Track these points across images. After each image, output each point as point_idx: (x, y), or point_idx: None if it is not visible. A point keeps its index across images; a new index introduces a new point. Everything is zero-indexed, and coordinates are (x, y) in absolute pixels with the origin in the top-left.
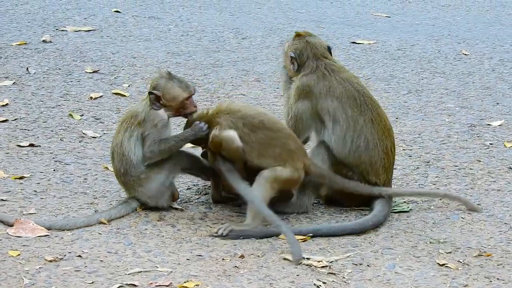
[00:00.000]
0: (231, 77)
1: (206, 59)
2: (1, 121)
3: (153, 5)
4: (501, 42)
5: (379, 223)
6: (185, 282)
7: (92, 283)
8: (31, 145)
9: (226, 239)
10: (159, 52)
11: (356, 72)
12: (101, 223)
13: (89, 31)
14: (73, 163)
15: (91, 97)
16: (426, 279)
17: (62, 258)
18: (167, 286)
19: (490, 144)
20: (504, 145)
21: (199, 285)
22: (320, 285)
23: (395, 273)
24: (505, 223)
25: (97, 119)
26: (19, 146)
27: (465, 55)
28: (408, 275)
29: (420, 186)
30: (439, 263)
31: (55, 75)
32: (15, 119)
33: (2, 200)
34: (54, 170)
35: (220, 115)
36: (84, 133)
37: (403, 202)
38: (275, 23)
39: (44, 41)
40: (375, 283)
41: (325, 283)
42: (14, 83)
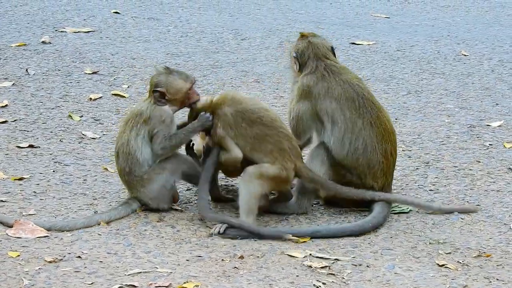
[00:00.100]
0: (231, 78)
1: (205, 60)
2: (0, 122)
3: (152, 6)
4: (501, 42)
5: (378, 225)
6: (184, 283)
7: (91, 284)
8: (31, 146)
9: (225, 239)
10: (158, 53)
11: (355, 73)
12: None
13: (88, 32)
14: (73, 164)
15: (91, 98)
16: (425, 280)
17: (61, 259)
18: (166, 287)
19: (489, 144)
20: (503, 145)
21: (198, 285)
22: (319, 286)
23: (395, 273)
24: (505, 224)
25: (96, 120)
26: (19, 147)
27: (465, 55)
28: (407, 275)
29: (419, 187)
30: (438, 264)
31: (54, 76)
32: (15, 120)
33: (1, 201)
34: (53, 171)
35: (223, 106)
36: (83, 134)
37: None
38: (275, 24)
39: (43, 42)
40: (374, 284)
41: (324, 283)
42: (13, 84)
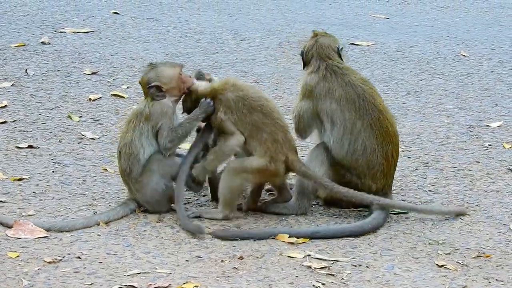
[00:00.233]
0: None
1: (204, 61)
2: (0, 123)
3: (151, 6)
4: (500, 43)
5: (378, 226)
6: (184, 283)
7: (91, 284)
8: (30, 147)
9: (223, 239)
10: (157, 53)
11: None
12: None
13: (87, 32)
14: (72, 164)
15: (90, 99)
16: (425, 280)
17: (61, 259)
18: (166, 287)
19: (489, 145)
20: (503, 146)
21: (198, 286)
22: (319, 286)
23: (394, 274)
24: (504, 224)
25: (96, 121)
26: (18, 147)
27: (464, 56)
28: (407, 276)
29: (419, 187)
30: (438, 264)
31: (53, 76)
32: (14, 121)
33: (1, 201)
34: (53, 171)
35: (225, 92)
36: (83, 135)
37: None
38: (274, 25)
39: (42, 43)
40: (374, 284)
41: (324, 284)
42: (12, 85)
